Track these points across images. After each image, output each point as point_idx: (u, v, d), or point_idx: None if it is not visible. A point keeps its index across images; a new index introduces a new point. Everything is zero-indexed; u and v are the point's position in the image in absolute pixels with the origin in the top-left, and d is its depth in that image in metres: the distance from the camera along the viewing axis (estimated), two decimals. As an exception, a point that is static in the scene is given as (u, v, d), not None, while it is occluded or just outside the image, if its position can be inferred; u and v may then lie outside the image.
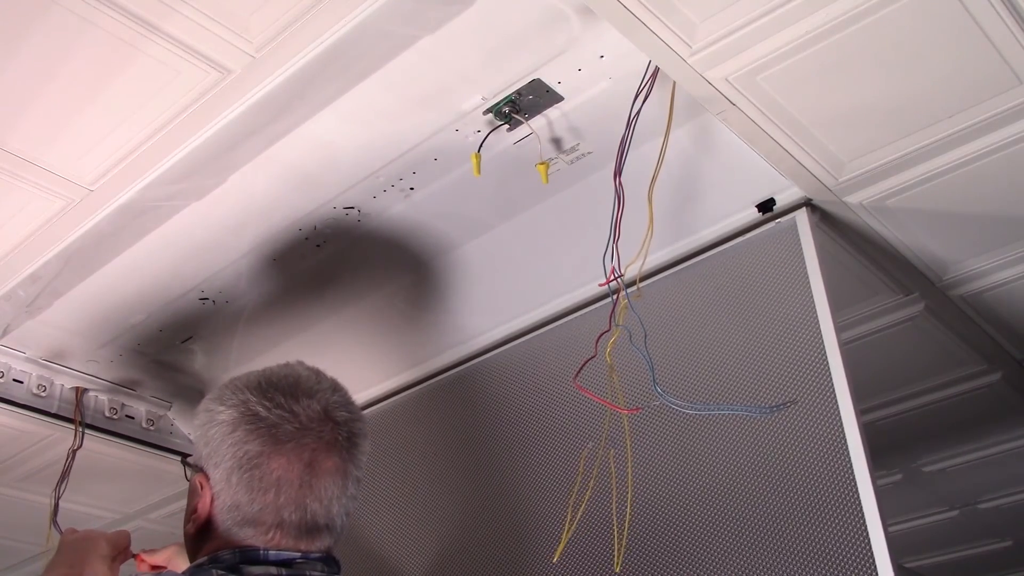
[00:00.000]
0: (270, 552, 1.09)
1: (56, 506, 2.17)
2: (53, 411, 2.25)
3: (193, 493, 1.16)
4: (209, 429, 1.14)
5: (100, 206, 1.70)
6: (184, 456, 1.26)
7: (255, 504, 1.09)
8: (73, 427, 2.26)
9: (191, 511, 1.15)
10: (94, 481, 2.44)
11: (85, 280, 1.95)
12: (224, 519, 1.11)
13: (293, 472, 1.10)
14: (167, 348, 2.24)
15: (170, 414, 2.52)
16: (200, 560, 1.11)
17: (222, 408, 1.14)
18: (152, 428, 2.45)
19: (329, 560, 1.14)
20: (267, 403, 1.13)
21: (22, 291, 1.93)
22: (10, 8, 1.33)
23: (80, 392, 2.30)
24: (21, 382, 2.21)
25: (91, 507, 2.60)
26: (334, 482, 1.13)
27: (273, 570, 1.08)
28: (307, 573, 1.10)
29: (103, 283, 1.97)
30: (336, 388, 1.19)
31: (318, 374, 1.20)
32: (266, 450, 1.10)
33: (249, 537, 1.10)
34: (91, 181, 1.66)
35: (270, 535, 1.10)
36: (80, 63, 1.43)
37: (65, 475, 2.20)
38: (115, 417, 2.37)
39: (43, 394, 2.24)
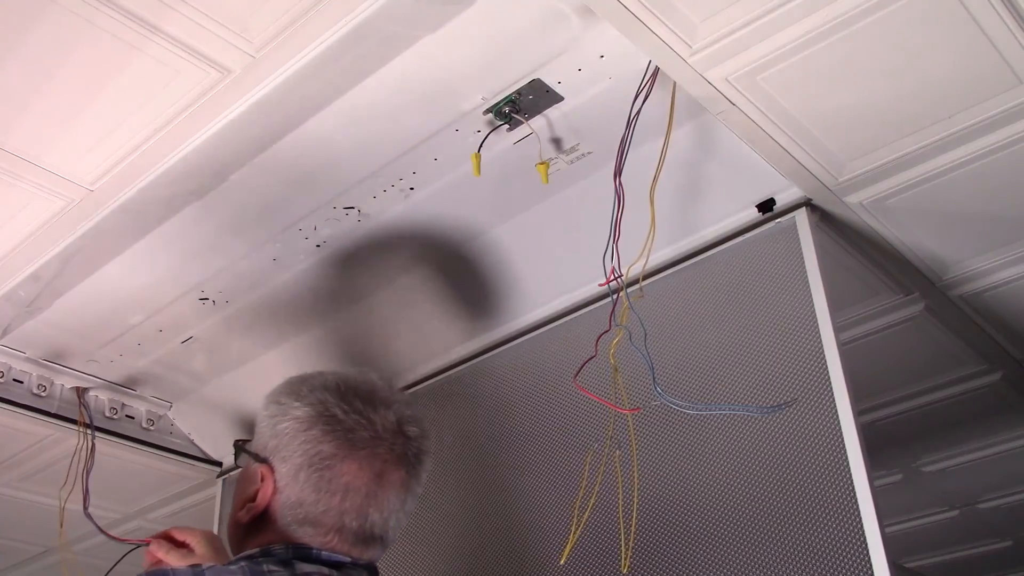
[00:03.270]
0: (323, 552, 1.08)
1: (86, 501, 2.18)
2: (53, 411, 2.26)
3: (250, 482, 1.14)
4: (280, 422, 1.13)
5: (100, 206, 1.70)
6: (240, 442, 1.22)
7: (320, 504, 1.09)
8: (75, 428, 2.26)
9: (247, 499, 1.13)
10: (94, 481, 2.44)
11: (85, 280, 1.95)
12: (284, 514, 1.10)
13: (362, 480, 1.10)
14: (167, 348, 2.24)
15: (170, 414, 2.52)
16: (251, 551, 1.09)
17: (298, 404, 1.13)
18: (152, 428, 2.46)
19: (373, 570, 1.14)
20: (345, 407, 1.12)
21: (22, 291, 1.93)
22: (10, 8, 1.33)
23: (81, 392, 2.30)
24: (21, 382, 2.21)
25: (91, 507, 2.61)
26: (397, 496, 1.14)
27: (325, 570, 1.07)
28: None
29: (103, 283, 1.97)
30: (408, 403, 1.19)
31: (391, 385, 1.20)
32: (340, 453, 1.10)
33: (307, 536, 1.09)
34: (91, 181, 1.66)
35: (328, 537, 1.09)
36: (80, 63, 1.43)
37: (87, 474, 2.21)
38: (115, 417, 2.37)
39: (43, 394, 2.24)
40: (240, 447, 1.20)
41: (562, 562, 1.54)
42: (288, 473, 1.10)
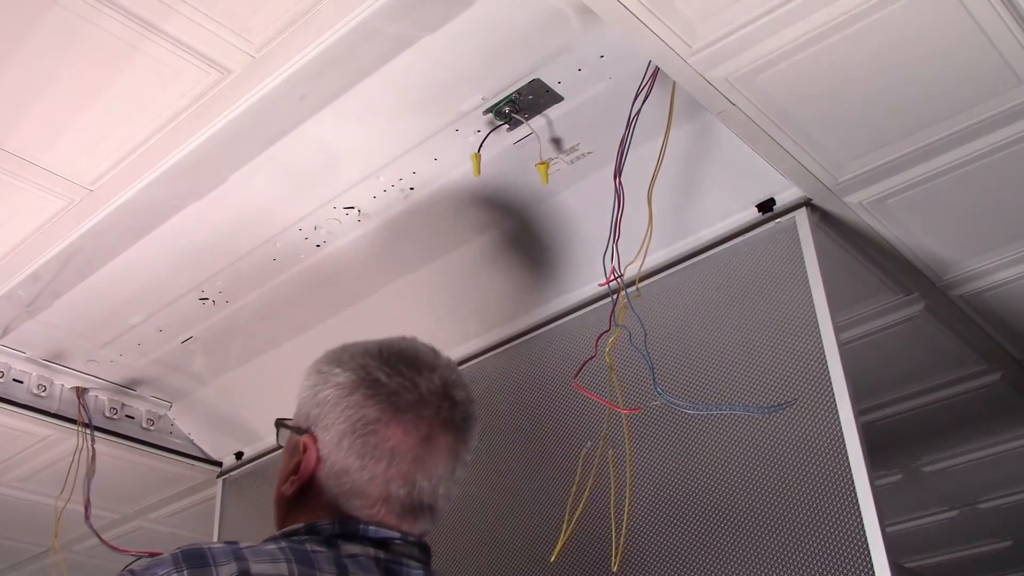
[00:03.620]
0: (370, 528, 1.03)
1: (87, 511, 2.18)
2: (53, 411, 2.26)
3: (293, 453, 1.09)
4: (322, 391, 1.09)
5: (100, 206, 1.70)
6: (280, 420, 1.18)
7: (365, 472, 1.03)
8: (75, 428, 2.26)
9: (290, 471, 1.08)
10: (94, 481, 2.44)
11: (85, 280, 1.95)
12: (329, 485, 1.05)
13: (408, 444, 1.05)
14: (167, 348, 2.24)
15: (170, 414, 2.52)
16: (295, 527, 1.04)
17: (339, 370, 1.10)
18: (152, 428, 2.46)
19: (425, 548, 1.08)
20: (389, 370, 1.08)
21: (22, 291, 1.93)
22: (10, 8, 1.33)
23: (81, 392, 2.30)
24: (21, 382, 2.21)
25: (91, 507, 2.61)
26: (445, 462, 1.08)
27: (371, 551, 1.01)
28: (403, 560, 1.03)
29: (103, 283, 1.97)
30: (453, 367, 1.14)
31: (435, 351, 1.16)
32: (384, 417, 1.05)
33: (354, 509, 1.04)
34: (91, 181, 1.66)
35: (375, 509, 1.04)
36: (80, 63, 1.43)
37: (88, 482, 2.21)
38: (115, 417, 2.37)
39: (43, 394, 2.24)
40: (280, 423, 1.15)
41: (552, 559, 1.54)
42: (331, 441, 1.05)
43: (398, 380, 1.08)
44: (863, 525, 1.37)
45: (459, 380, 1.13)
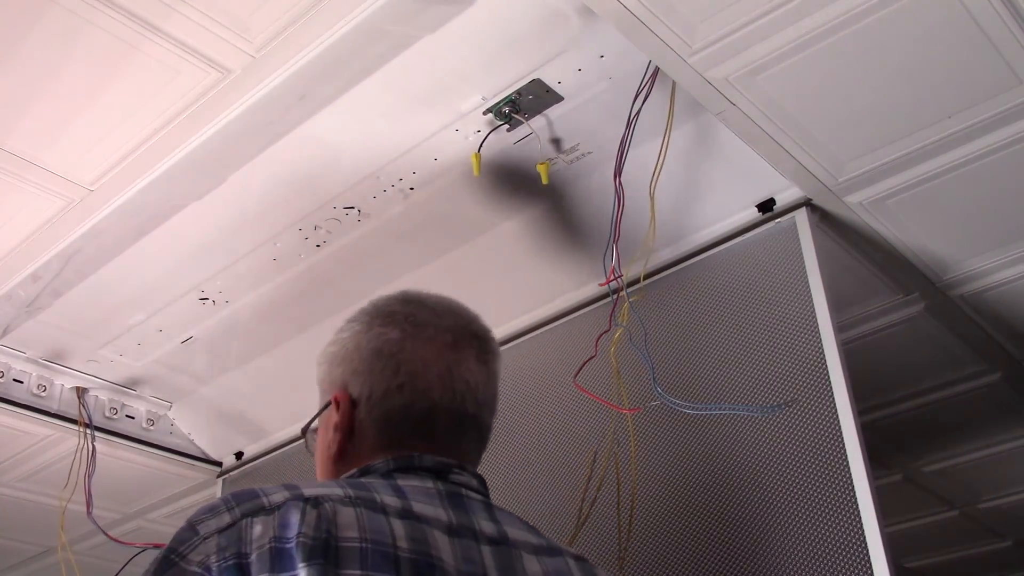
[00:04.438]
0: (425, 456, 0.98)
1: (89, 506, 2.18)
2: (53, 411, 2.26)
3: (327, 419, 1.04)
4: (340, 348, 1.06)
5: (100, 206, 1.70)
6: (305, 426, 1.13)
7: (405, 390, 1.00)
8: (76, 427, 2.26)
9: (331, 432, 1.03)
10: (94, 481, 2.45)
11: (85, 280, 1.95)
12: (374, 419, 1.01)
13: (437, 350, 1.02)
14: (167, 348, 2.24)
15: (170, 414, 2.52)
16: (351, 472, 1.00)
17: (350, 324, 1.08)
18: (152, 428, 2.46)
19: (482, 480, 1.04)
20: (398, 303, 1.08)
21: (22, 291, 1.93)
22: (10, 8, 1.33)
23: (81, 392, 2.30)
24: (21, 382, 2.21)
25: (92, 505, 2.61)
26: (477, 368, 1.04)
27: (429, 483, 0.96)
28: (463, 492, 0.98)
29: (103, 283, 1.97)
30: (476, 316, 1.11)
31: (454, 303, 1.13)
32: (407, 333, 1.03)
33: (403, 439, 1.00)
34: (91, 181, 1.66)
35: (424, 431, 1.00)
36: (80, 63, 1.43)
37: (89, 478, 2.21)
38: (115, 417, 2.37)
39: (43, 394, 2.24)
40: (306, 429, 1.10)
41: None
42: (362, 379, 1.02)
43: (411, 306, 1.07)
44: (863, 525, 1.37)
45: (481, 326, 1.10)
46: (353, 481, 0.93)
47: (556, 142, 1.72)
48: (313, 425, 1.09)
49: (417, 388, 1.01)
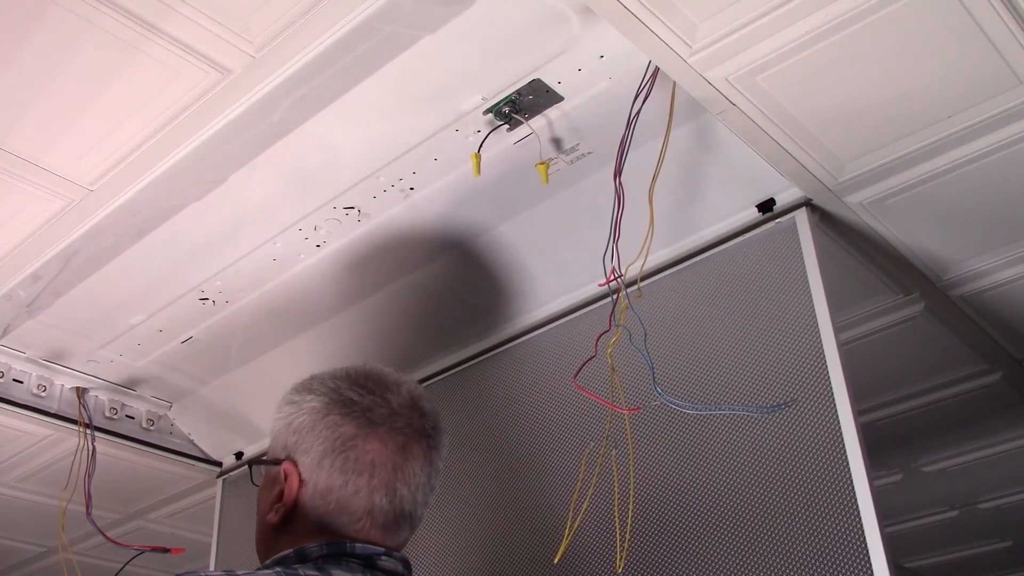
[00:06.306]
0: (357, 545, 1.08)
1: (89, 507, 2.18)
2: (53, 411, 2.26)
3: (274, 483, 1.13)
4: (296, 418, 1.14)
5: (100, 206, 1.70)
6: (253, 461, 1.24)
7: (349, 486, 1.09)
8: (76, 427, 2.26)
9: (273, 500, 1.12)
10: (94, 481, 2.45)
11: (85, 280, 1.95)
12: (315, 506, 1.09)
13: (387, 454, 1.11)
14: (167, 348, 2.24)
15: (170, 414, 2.52)
16: (285, 553, 1.08)
17: (311, 396, 1.15)
18: (152, 428, 2.46)
19: (406, 563, 1.13)
20: (359, 389, 1.14)
21: (22, 291, 1.93)
22: (10, 8, 1.33)
23: (81, 392, 2.30)
24: (21, 382, 2.21)
25: (92, 506, 2.61)
26: (422, 469, 1.15)
27: (359, 573, 1.06)
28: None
29: (103, 283, 1.97)
30: (417, 384, 1.21)
31: (397, 371, 1.22)
32: (361, 432, 1.11)
33: (340, 527, 1.09)
34: (91, 181, 1.66)
35: (361, 523, 1.09)
36: (80, 63, 1.43)
37: (89, 479, 2.21)
38: (115, 417, 2.37)
39: (43, 394, 2.24)
40: (255, 462, 1.21)
41: (556, 561, 1.54)
42: (312, 463, 1.11)
43: (369, 397, 1.13)
44: (862, 525, 1.37)
45: (424, 394, 1.20)
46: (289, 571, 1.02)
47: (556, 142, 1.72)
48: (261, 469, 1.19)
49: (360, 488, 1.09)
